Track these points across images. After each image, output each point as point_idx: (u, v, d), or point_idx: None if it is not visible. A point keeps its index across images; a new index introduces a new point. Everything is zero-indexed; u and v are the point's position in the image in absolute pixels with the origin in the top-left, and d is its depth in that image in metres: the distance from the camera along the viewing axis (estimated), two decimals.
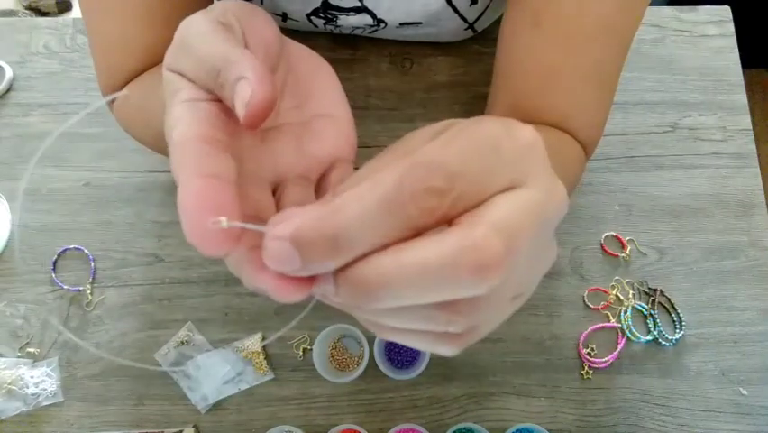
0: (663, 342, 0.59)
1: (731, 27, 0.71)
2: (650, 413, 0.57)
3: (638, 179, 0.66)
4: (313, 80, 0.31)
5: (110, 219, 0.64)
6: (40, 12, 1.41)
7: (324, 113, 0.30)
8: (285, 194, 0.28)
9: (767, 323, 0.60)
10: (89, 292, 0.61)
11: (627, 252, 0.62)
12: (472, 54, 0.70)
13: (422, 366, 0.56)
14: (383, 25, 0.60)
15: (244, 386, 0.58)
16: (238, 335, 0.60)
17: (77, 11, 1.47)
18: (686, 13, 0.72)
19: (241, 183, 0.24)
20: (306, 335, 0.60)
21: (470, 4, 0.56)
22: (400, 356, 0.59)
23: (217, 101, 0.25)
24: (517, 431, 0.56)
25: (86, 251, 0.62)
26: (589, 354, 0.59)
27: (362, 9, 0.56)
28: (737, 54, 0.70)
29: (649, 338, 0.59)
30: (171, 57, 0.26)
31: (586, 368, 0.59)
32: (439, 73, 0.69)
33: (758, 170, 0.66)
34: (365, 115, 0.66)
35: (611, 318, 0.60)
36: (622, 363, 0.59)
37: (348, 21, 0.59)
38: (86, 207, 0.64)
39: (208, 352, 0.59)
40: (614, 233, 0.63)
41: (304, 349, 0.59)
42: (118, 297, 0.61)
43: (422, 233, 0.19)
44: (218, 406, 0.58)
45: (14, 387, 0.58)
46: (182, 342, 0.59)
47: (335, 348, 0.60)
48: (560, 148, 0.49)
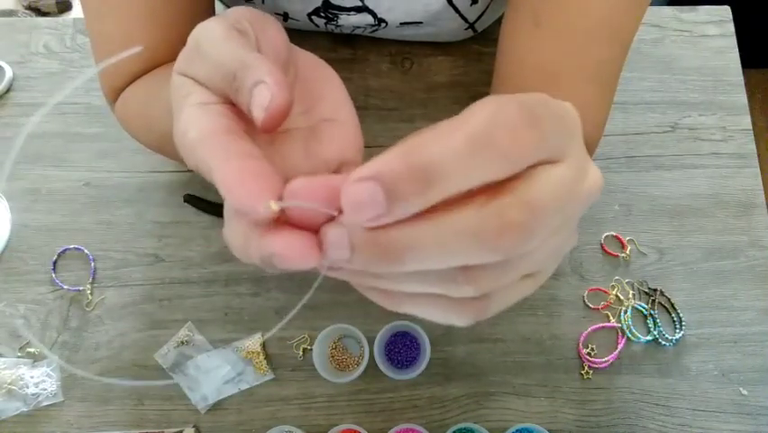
0: (663, 342, 0.59)
1: (731, 27, 0.71)
2: (650, 413, 0.57)
3: (638, 179, 0.66)
4: (319, 86, 0.32)
5: (110, 219, 0.64)
6: (40, 12, 1.41)
7: (330, 117, 0.31)
8: None
9: (767, 323, 0.60)
10: (89, 292, 0.61)
11: (627, 252, 0.62)
12: (472, 54, 0.70)
13: (422, 366, 0.56)
14: (384, 25, 0.60)
15: (244, 386, 0.58)
16: (238, 335, 0.60)
17: (77, 11, 1.47)
18: (686, 13, 0.72)
19: None
20: (306, 335, 0.60)
21: (470, 3, 0.56)
22: (400, 356, 0.59)
23: (228, 104, 0.25)
24: (517, 431, 0.56)
25: (86, 251, 0.62)
26: (589, 354, 0.59)
27: (363, 8, 0.56)
28: (737, 54, 0.70)
29: (649, 338, 0.59)
30: (184, 61, 0.27)
31: (586, 368, 0.59)
32: (439, 73, 0.69)
33: (758, 170, 0.66)
34: (365, 115, 0.66)
35: (611, 318, 0.60)
36: (622, 363, 0.59)
37: (349, 20, 0.59)
38: (86, 207, 0.64)
39: (208, 352, 0.59)
40: (614, 233, 0.63)
41: (304, 349, 0.59)
42: (118, 297, 0.61)
43: (506, 186, 0.18)
44: (218, 406, 0.58)
45: (14, 387, 0.58)
46: (182, 342, 0.59)
47: (335, 348, 0.60)
48: None
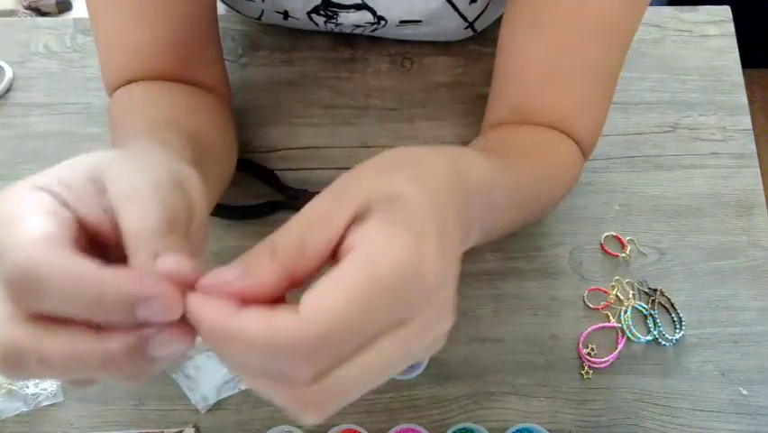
0: (663, 342, 0.59)
1: (731, 27, 0.71)
2: (650, 413, 0.57)
3: (638, 179, 0.66)
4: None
5: None
6: (40, 12, 1.41)
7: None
8: None
9: (767, 323, 0.60)
10: None
11: (627, 252, 0.62)
12: (472, 54, 0.70)
13: (422, 366, 0.56)
14: (383, 23, 0.60)
15: (244, 386, 0.58)
16: None
17: (77, 11, 1.48)
18: (686, 13, 0.72)
19: None
20: None
21: (469, 2, 0.56)
22: None
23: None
24: (517, 431, 0.56)
25: None
26: (589, 354, 0.59)
27: (363, 6, 0.57)
28: (737, 54, 0.70)
29: (649, 338, 0.59)
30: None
31: (586, 368, 0.59)
32: (439, 73, 0.69)
33: (758, 170, 0.66)
34: (365, 115, 0.66)
35: (611, 318, 0.60)
36: (622, 363, 0.59)
37: (348, 18, 0.59)
38: None
39: (208, 352, 0.59)
40: (614, 233, 0.63)
41: None
42: None
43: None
44: (218, 406, 0.58)
45: (14, 387, 0.57)
46: None
47: None
48: (544, 156, 0.49)
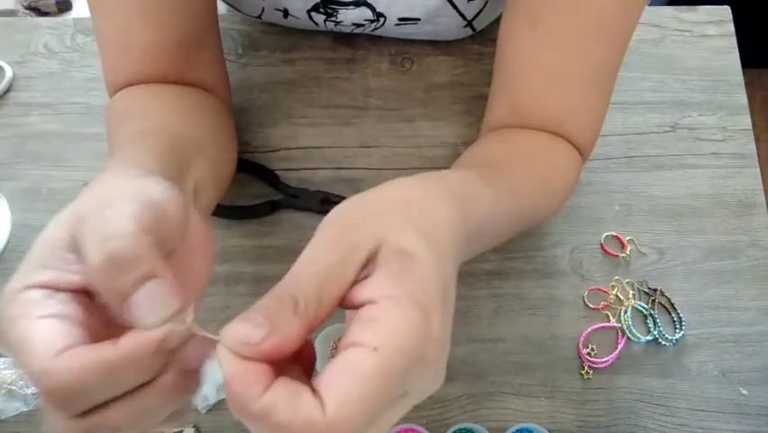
0: (663, 342, 0.59)
1: (731, 27, 0.71)
2: (650, 413, 0.57)
3: (638, 179, 0.66)
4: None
5: None
6: (40, 12, 1.41)
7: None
8: None
9: (767, 323, 0.60)
10: None
11: (627, 252, 0.62)
12: (472, 54, 0.70)
13: None
14: (382, 20, 0.60)
15: None
16: None
17: (77, 11, 1.48)
18: (686, 13, 0.72)
19: None
20: None
21: (468, 0, 0.56)
22: None
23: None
24: (517, 431, 0.56)
25: None
26: (589, 354, 0.59)
27: (362, 2, 0.57)
28: (737, 54, 0.70)
29: (649, 338, 0.59)
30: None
31: (586, 368, 0.59)
32: (439, 73, 0.69)
33: (758, 170, 0.66)
34: (365, 115, 0.66)
35: (611, 318, 0.60)
36: (622, 363, 0.59)
37: (348, 16, 0.59)
38: None
39: None
40: (614, 233, 0.63)
41: None
42: None
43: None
44: (218, 406, 0.58)
45: (14, 387, 0.57)
46: None
47: (335, 348, 0.60)
48: (544, 173, 0.50)
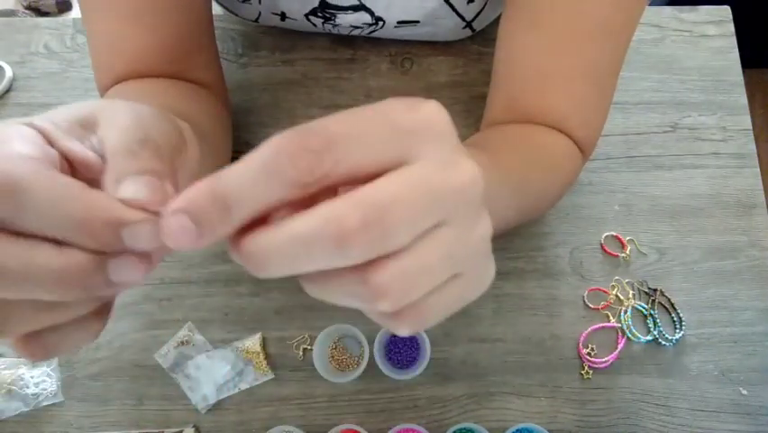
0: (663, 342, 0.59)
1: (731, 27, 0.71)
2: (650, 413, 0.57)
3: (638, 179, 0.66)
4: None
5: None
6: (40, 12, 1.41)
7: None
8: None
9: (767, 323, 0.60)
10: None
11: (627, 252, 0.62)
12: (472, 54, 0.70)
13: (422, 366, 0.56)
14: (381, 24, 0.60)
15: (244, 386, 0.58)
16: (238, 335, 0.60)
17: (77, 11, 1.47)
18: (686, 13, 0.72)
19: None
20: (306, 335, 0.60)
21: (467, 1, 0.56)
22: (400, 356, 0.59)
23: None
24: (517, 431, 0.56)
25: None
26: (589, 354, 0.59)
27: (360, 7, 0.57)
28: (737, 54, 0.70)
29: (649, 338, 0.59)
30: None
31: (586, 368, 0.59)
32: (439, 73, 0.69)
33: (758, 170, 0.66)
34: None
35: (611, 318, 0.60)
36: (622, 363, 0.59)
37: (346, 19, 0.59)
38: None
39: (208, 352, 0.59)
40: (614, 233, 0.63)
41: (304, 349, 0.59)
42: (118, 297, 0.61)
43: (315, 200, 0.20)
44: (218, 406, 0.58)
45: (14, 387, 0.58)
46: (182, 342, 0.59)
47: (335, 348, 0.60)
48: (540, 151, 0.49)
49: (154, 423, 0.57)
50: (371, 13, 0.58)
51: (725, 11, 0.72)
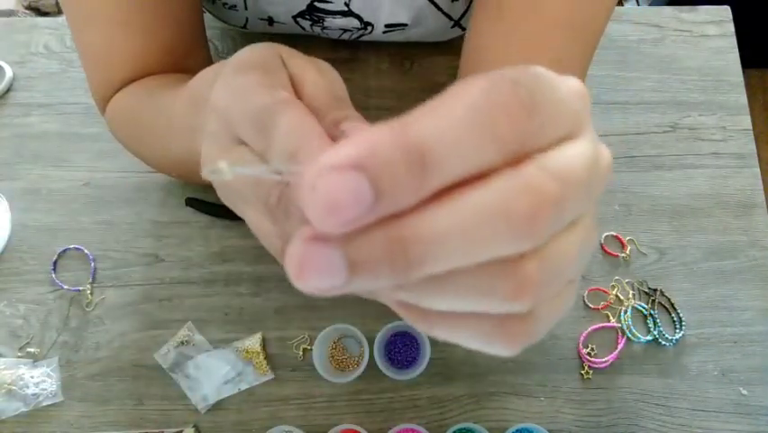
0: (663, 342, 0.59)
1: (731, 27, 0.71)
2: (650, 413, 0.57)
3: (638, 179, 0.66)
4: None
5: (110, 219, 0.64)
6: (40, 12, 1.41)
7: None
8: None
9: (767, 323, 0.60)
10: (89, 292, 0.61)
11: (627, 252, 0.62)
12: None
13: (422, 366, 0.56)
14: (370, 28, 0.60)
15: (244, 386, 0.58)
16: (238, 335, 0.60)
17: None
18: (686, 13, 0.72)
19: None
20: (307, 335, 0.60)
21: (451, 0, 0.56)
22: (400, 356, 0.59)
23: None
24: (517, 431, 0.56)
25: (86, 251, 0.62)
26: (589, 354, 0.59)
27: (348, 13, 0.57)
28: (737, 54, 0.70)
29: (649, 338, 0.59)
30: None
31: (586, 368, 0.59)
32: (439, 73, 0.69)
33: (758, 170, 0.66)
34: (365, 115, 0.66)
35: (611, 318, 0.60)
36: (622, 363, 0.59)
37: (335, 22, 0.59)
38: (85, 207, 0.64)
39: (208, 352, 0.59)
40: (614, 233, 0.63)
41: (304, 349, 0.59)
42: (118, 297, 0.61)
43: (498, 168, 0.15)
44: (218, 406, 0.58)
45: (14, 387, 0.58)
46: (182, 342, 0.59)
47: (335, 348, 0.60)
48: None
49: (154, 423, 0.57)
50: (360, 18, 0.58)
51: (725, 11, 0.72)
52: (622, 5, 1.22)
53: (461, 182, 0.15)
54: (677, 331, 0.60)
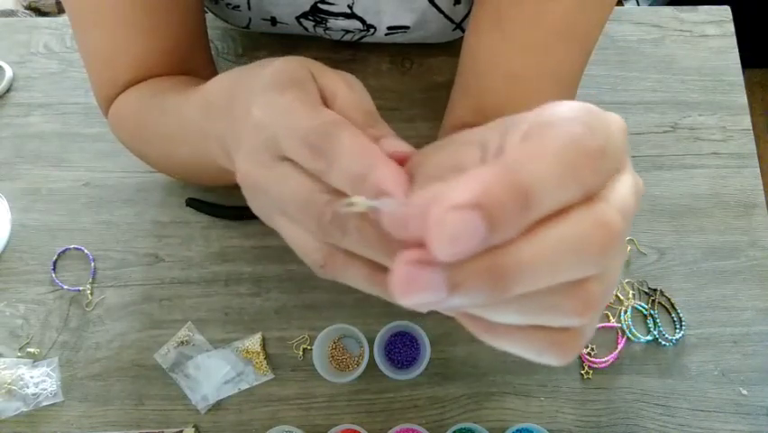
0: (663, 342, 0.59)
1: (731, 27, 0.71)
2: (650, 413, 0.57)
3: None
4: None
5: (110, 219, 0.64)
6: (40, 12, 1.41)
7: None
8: None
9: (767, 323, 0.60)
10: (89, 292, 0.61)
11: (627, 252, 0.62)
12: None
13: (422, 366, 0.56)
14: (372, 30, 0.60)
15: (244, 386, 0.58)
16: (238, 335, 0.60)
17: None
18: (686, 13, 0.72)
19: None
20: (306, 335, 0.60)
21: (453, 3, 0.56)
22: (400, 356, 0.59)
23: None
24: (517, 431, 0.56)
25: (86, 251, 0.62)
26: (589, 354, 0.59)
27: (351, 15, 0.57)
28: (737, 54, 0.70)
29: (649, 338, 0.59)
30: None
31: (586, 368, 0.59)
32: (439, 73, 0.69)
33: (758, 170, 0.66)
34: None
35: (611, 318, 0.60)
36: (622, 363, 0.59)
37: (338, 24, 0.59)
38: (86, 207, 0.64)
39: (208, 352, 0.59)
40: None
41: (304, 349, 0.59)
42: (118, 297, 0.61)
43: (575, 203, 0.18)
44: (218, 406, 0.58)
45: (14, 387, 0.58)
46: (182, 342, 0.59)
47: (335, 348, 0.60)
48: None
49: (154, 423, 0.57)
50: (362, 20, 0.58)
51: (725, 11, 0.72)
52: (622, 5, 1.22)
53: (546, 217, 0.18)
54: (677, 331, 0.60)
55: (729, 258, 0.62)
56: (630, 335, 0.59)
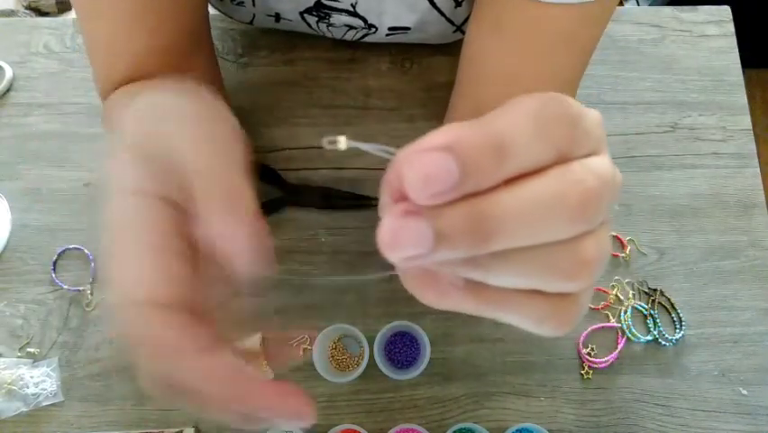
0: (663, 342, 0.59)
1: (731, 27, 0.71)
2: (650, 413, 0.57)
3: (638, 179, 0.66)
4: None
5: None
6: (40, 12, 1.41)
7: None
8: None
9: (767, 323, 0.60)
10: (89, 292, 0.61)
11: (627, 252, 0.62)
12: None
13: (422, 366, 0.56)
14: (374, 30, 0.60)
15: None
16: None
17: None
18: (686, 13, 0.72)
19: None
20: (306, 335, 0.60)
21: (455, 6, 0.56)
22: (400, 356, 0.59)
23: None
24: (517, 431, 0.56)
25: (86, 251, 0.62)
26: (589, 354, 0.59)
27: (354, 14, 0.57)
28: (737, 54, 0.70)
29: (649, 338, 0.59)
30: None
31: (586, 368, 0.59)
32: (439, 73, 0.69)
33: (758, 170, 0.66)
34: (365, 115, 0.66)
35: (611, 318, 0.60)
36: (622, 363, 0.59)
37: (341, 19, 0.59)
38: (86, 207, 0.64)
39: None
40: (614, 233, 0.63)
41: (304, 349, 0.59)
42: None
43: (550, 165, 0.19)
44: None
45: (14, 387, 0.58)
46: None
47: (335, 348, 0.60)
48: None
49: (154, 423, 0.57)
50: (364, 20, 0.58)
51: (725, 11, 0.72)
52: (622, 5, 1.22)
53: (523, 174, 0.18)
54: (677, 331, 0.60)
55: (729, 258, 0.62)
56: (630, 335, 0.59)
